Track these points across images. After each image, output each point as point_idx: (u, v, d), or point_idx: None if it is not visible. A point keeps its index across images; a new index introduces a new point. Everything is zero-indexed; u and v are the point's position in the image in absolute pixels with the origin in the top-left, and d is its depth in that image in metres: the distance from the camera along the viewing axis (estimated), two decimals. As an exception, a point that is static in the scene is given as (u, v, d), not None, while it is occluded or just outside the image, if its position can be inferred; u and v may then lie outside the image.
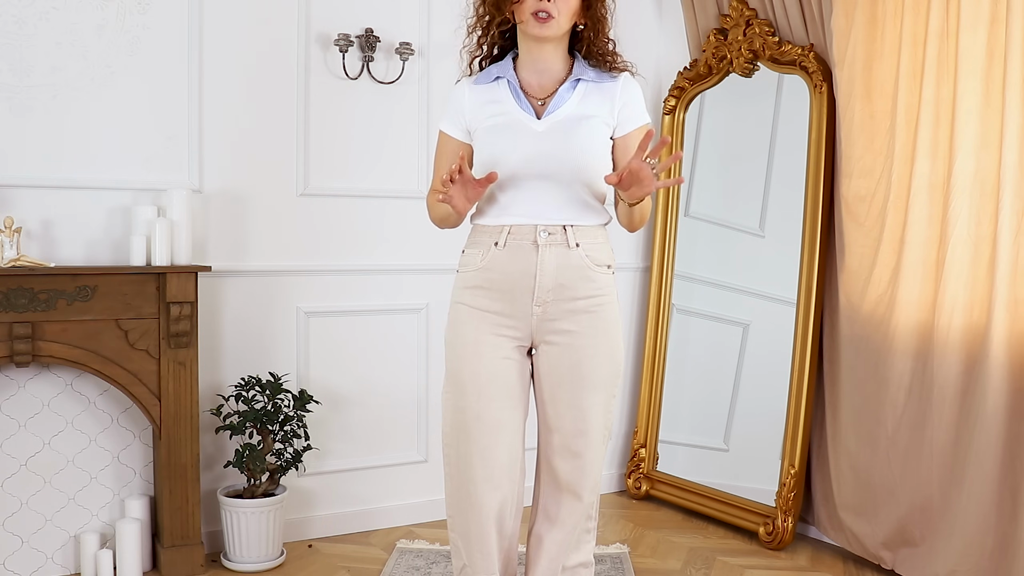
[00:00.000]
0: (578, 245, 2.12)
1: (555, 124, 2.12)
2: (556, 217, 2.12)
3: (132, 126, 3.15)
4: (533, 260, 2.11)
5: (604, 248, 2.18)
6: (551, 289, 2.11)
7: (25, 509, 3.04)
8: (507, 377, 2.15)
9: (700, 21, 3.99)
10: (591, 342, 2.13)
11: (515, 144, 2.12)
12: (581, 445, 2.16)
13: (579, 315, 2.13)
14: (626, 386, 4.23)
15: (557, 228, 2.12)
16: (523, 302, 2.13)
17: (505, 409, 2.15)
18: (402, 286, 3.67)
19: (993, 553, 2.81)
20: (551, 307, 2.12)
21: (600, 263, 2.15)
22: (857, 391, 3.26)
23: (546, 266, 2.11)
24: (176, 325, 2.98)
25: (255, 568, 3.14)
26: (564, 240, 2.11)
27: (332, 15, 3.46)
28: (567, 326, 2.13)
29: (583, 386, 2.14)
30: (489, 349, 2.14)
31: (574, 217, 2.13)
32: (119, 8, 3.11)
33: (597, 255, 2.15)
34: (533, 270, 2.11)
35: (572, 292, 2.12)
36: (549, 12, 2.07)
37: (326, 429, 3.51)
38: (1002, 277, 2.78)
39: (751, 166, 3.79)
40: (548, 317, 2.13)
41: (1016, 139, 2.76)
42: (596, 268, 2.14)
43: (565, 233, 2.12)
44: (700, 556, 3.37)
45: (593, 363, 2.13)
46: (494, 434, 2.13)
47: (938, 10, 2.97)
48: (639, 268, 4.22)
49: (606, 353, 2.15)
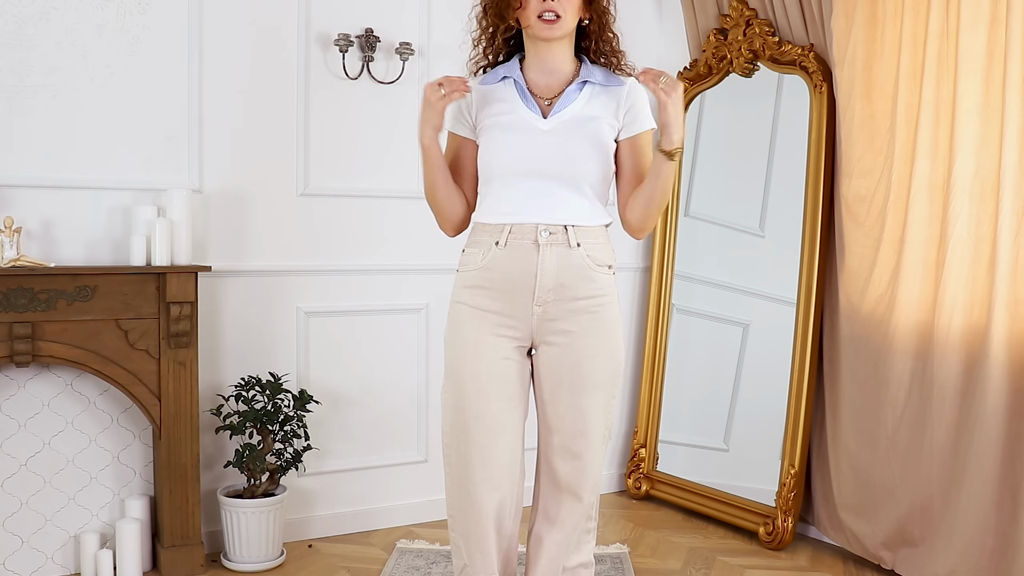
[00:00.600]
0: (579, 245, 2.12)
1: (560, 124, 2.13)
2: (558, 217, 2.12)
3: (132, 126, 3.15)
4: (534, 260, 2.10)
5: (605, 248, 2.18)
6: (551, 289, 2.11)
7: (25, 509, 3.04)
8: (507, 377, 2.15)
9: (700, 21, 3.99)
10: (591, 342, 2.13)
11: (520, 142, 2.12)
12: (581, 446, 2.16)
13: (579, 315, 2.12)
14: (626, 386, 4.23)
15: (558, 228, 2.11)
16: (523, 302, 2.12)
17: (504, 410, 2.14)
18: (402, 286, 3.67)
19: (993, 553, 2.81)
20: (551, 307, 2.12)
21: (601, 263, 2.15)
22: (857, 391, 3.26)
23: (547, 266, 2.10)
24: (176, 325, 2.98)
25: (255, 568, 3.14)
26: (565, 240, 2.11)
27: (332, 15, 3.46)
28: (567, 326, 2.13)
29: (583, 386, 2.14)
30: (489, 349, 2.14)
31: (576, 217, 2.13)
32: (119, 8, 3.11)
33: (598, 255, 2.15)
34: (534, 270, 2.10)
35: (573, 292, 2.12)
36: (556, 11, 2.07)
37: (326, 429, 3.51)
38: (1002, 277, 2.78)
39: (751, 166, 3.79)
40: (548, 317, 2.13)
41: (1016, 139, 2.76)
42: (597, 268, 2.14)
43: (566, 233, 2.11)
44: (700, 556, 3.37)
45: (593, 364, 2.13)
46: (493, 434, 2.13)
47: (938, 10, 2.97)
48: (639, 268, 4.22)
49: (606, 353, 2.15)
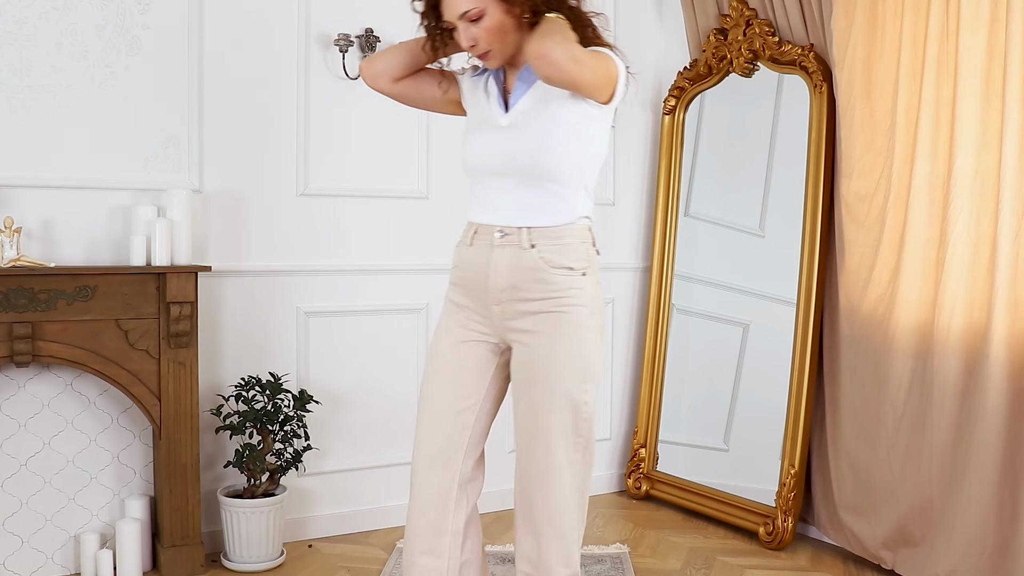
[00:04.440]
0: (533, 246, 2.02)
1: (518, 117, 2.05)
2: (514, 217, 2.05)
3: (132, 126, 3.15)
4: (489, 260, 2.07)
5: (568, 249, 2.04)
6: (504, 290, 2.06)
7: (25, 509, 3.04)
8: (463, 364, 2.12)
9: (700, 21, 3.99)
10: (547, 342, 2.04)
11: (480, 141, 2.09)
12: (539, 450, 2.06)
13: (536, 316, 2.05)
14: (626, 386, 4.23)
15: (514, 229, 2.04)
16: (484, 301, 2.10)
17: (452, 396, 2.12)
18: (402, 286, 3.66)
19: (993, 553, 2.81)
20: (507, 307, 2.07)
21: (559, 265, 2.03)
22: (857, 391, 3.26)
23: (499, 267, 2.05)
24: (176, 325, 2.98)
25: (255, 568, 3.14)
26: (519, 241, 2.04)
27: (332, 15, 3.46)
28: (525, 326, 2.07)
29: (537, 387, 2.06)
30: (453, 337, 2.14)
31: (532, 217, 2.04)
32: (119, 8, 3.11)
33: (555, 257, 2.03)
34: (488, 271, 2.08)
35: (526, 293, 2.05)
36: (480, 50, 2.01)
37: (326, 429, 3.51)
38: (1002, 277, 2.78)
39: (751, 166, 3.79)
40: (507, 317, 2.08)
41: (1016, 139, 2.76)
42: (553, 270, 2.02)
43: (520, 234, 2.04)
44: (700, 556, 3.37)
45: (549, 364, 2.03)
46: (436, 417, 2.12)
47: (938, 10, 2.97)
48: (639, 268, 4.22)
49: (565, 355, 2.03)
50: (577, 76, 1.91)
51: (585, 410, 2.06)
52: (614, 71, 1.99)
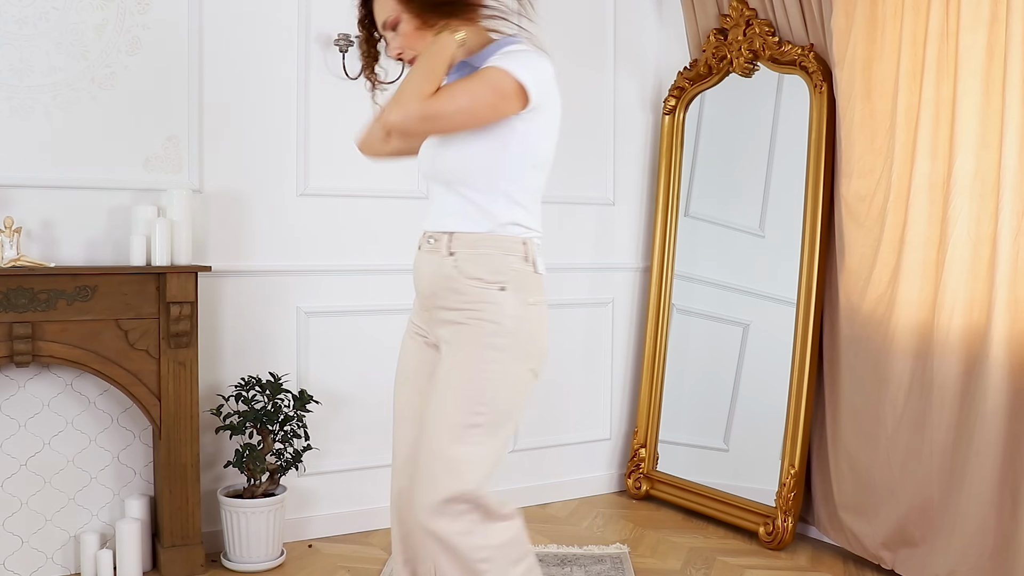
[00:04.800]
0: (452, 254, 1.96)
1: None
2: (441, 223, 2.01)
3: (132, 126, 3.15)
4: (419, 266, 2.07)
5: (483, 260, 1.93)
6: (427, 296, 2.04)
7: (25, 509, 3.04)
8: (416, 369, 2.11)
9: (700, 21, 3.99)
10: (449, 353, 1.98)
11: (424, 145, 2.08)
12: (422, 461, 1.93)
13: (449, 326, 1.99)
14: (626, 386, 4.23)
15: (441, 235, 2.00)
16: (423, 305, 2.09)
17: (410, 403, 2.11)
18: (402, 286, 3.64)
19: (993, 553, 2.81)
20: (432, 313, 2.05)
21: (472, 276, 1.93)
22: (857, 391, 3.26)
23: (424, 273, 2.04)
24: (176, 325, 2.98)
25: (255, 568, 3.14)
26: (440, 248, 1.99)
27: (332, 15, 3.46)
28: (443, 334, 2.02)
29: (432, 396, 1.96)
30: (409, 341, 2.14)
31: (454, 223, 1.98)
32: (119, 8, 3.11)
33: (469, 267, 1.93)
34: (418, 276, 2.08)
35: (443, 302, 1.99)
36: (403, 57, 2.00)
37: (326, 429, 3.51)
38: (1002, 277, 2.78)
39: (751, 166, 3.79)
40: (433, 323, 2.06)
41: (1016, 139, 2.76)
42: (466, 281, 1.93)
43: (441, 240, 1.99)
44: (700, 556, 3.37)
45: (445, 375, 1.95)
46: (400, 422, 2.13)
47: (938, 10, 2.97)
48: (639, 268, 4.22)
49: (461, 370, 1.92)
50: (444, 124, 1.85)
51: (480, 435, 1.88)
52: (508, 84, 1.83)
